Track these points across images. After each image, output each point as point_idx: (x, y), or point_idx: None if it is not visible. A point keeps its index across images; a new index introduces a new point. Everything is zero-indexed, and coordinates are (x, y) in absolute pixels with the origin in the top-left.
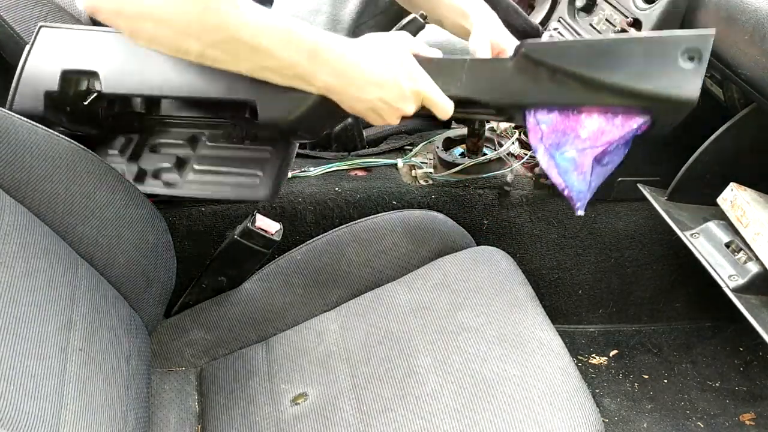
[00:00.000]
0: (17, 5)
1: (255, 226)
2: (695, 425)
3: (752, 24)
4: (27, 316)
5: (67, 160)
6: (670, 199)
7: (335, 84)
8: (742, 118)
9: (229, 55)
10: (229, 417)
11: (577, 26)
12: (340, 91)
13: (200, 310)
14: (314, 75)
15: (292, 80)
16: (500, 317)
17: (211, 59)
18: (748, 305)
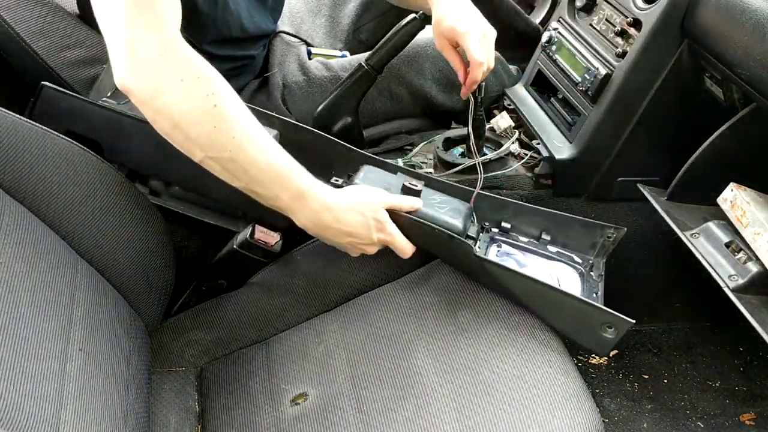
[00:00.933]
0: (17, 5)
1: (254, 238)
2: (695, 425)
3: (752, 24)
4: (27, 316)
5: (67, 160)
6: (670, 199)
7: (312, 228)
8: (742, 118)
9: (226, 171)
10: (229, 417)
11: (577, 26)
12: (314, 232)
13: (200, 310)
14: (295, 214)
15: (274, 208)
16: (500, 317)
17: (209, 167)
18: (748, 305)
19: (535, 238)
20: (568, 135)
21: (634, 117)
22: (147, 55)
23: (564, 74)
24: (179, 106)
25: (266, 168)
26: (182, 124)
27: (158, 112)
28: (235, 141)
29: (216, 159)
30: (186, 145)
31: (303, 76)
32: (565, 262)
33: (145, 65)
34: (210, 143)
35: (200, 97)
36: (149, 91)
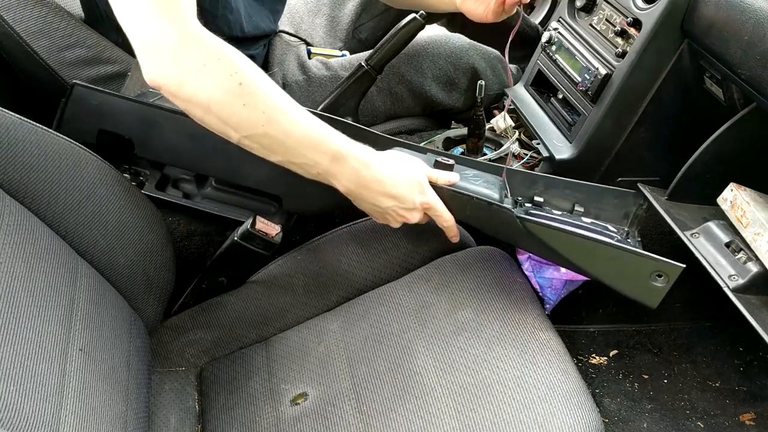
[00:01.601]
0: (17, 5)
1: (255, 228)
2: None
3: (752, 24)
4: (27, 316)
5: (67, 160)
6: (670, 199)
7: (354, 189)
8: (742, 118)
9: (262, 147)
10: (229, 417)
11: (577, 26)
12: (356, 195)
13: (200, 310)
14: (336, 177)
15: (315, 177)
16: (500, 317)
17: (247, 147)
18: (748, 305)
19: (568, 211)
20: (568, 135)
21: (634, 117)
22: (168, 47)
23: (564, 74)
24: (206, 90)
25: (301, 136)
26: (213, 108)
27: (188, 101)
28: (266, 115)
29: (251, 137)
30: (221, 128)
31: (303, 76)
32: (601, 231)
33: (168, 57)
34: (242, 122)
35: (225, 78)
36: (176, 82)
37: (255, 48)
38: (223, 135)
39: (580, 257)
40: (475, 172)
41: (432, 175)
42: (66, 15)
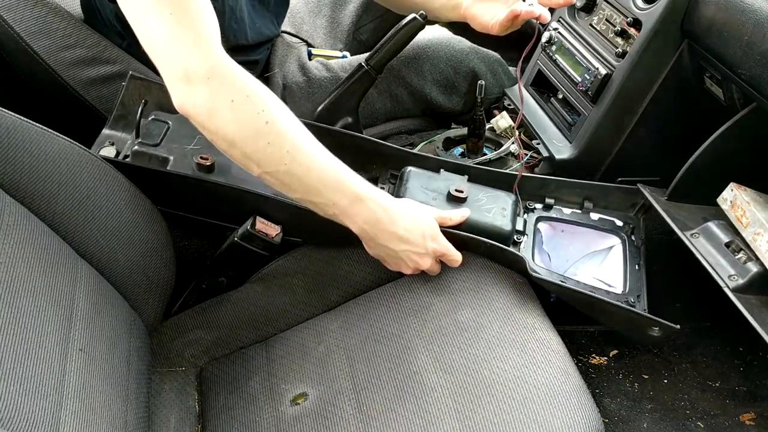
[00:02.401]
0: (17, 5)
1: (255, 229)
2: (695, 425)
3: (752, 24)
4: (27, 316)
5: (67, 160)
6: (670, 199)
7: (369, 230)
8: (742, 118)
9: (283, 184)
10: (229, 417)
11: (577, 26)
12: (370, 237)
13: (200, 310)
14: (352, 218)
15: (330, 216)
16: (500, 317)
17: (267, 182)
18: (748, 305)
19: (578, 206)
20: (568, 135)
21: (634, 117)
22: (198, 79)
23: (564, 74)
24: (233, 126)
25: (323, 176)
26: (237, 143)
27: (214, 133)
28: (290, 155)
29: (272, 173)
30: (244, 162)
31: (303, 77)
32: (608, 229)
33: (198, 89)
34: (266, 158)
35: (252, 115)
36: (204, 113)
37: (259, 53)
38: (245, 168)
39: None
40: (487, 194)
41: (443, 216)
42: (66, 15)
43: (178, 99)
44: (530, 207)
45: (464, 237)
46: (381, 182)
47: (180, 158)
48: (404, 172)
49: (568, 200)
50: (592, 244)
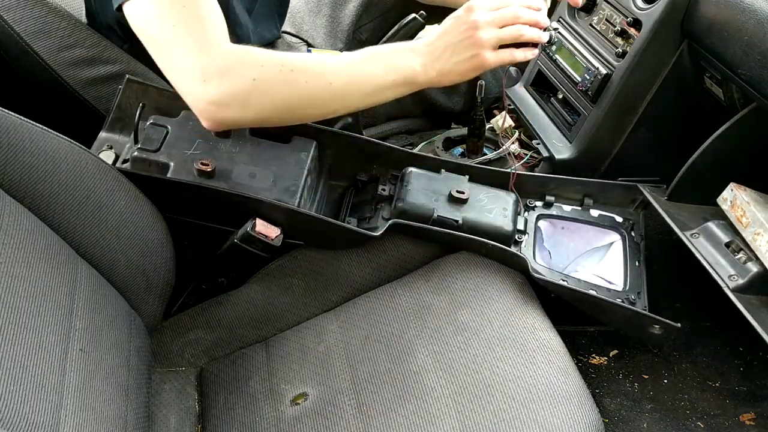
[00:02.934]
0: (17, 5)
1: (255, 231)
2: (695, 425)
3: (752, 24)
4: (27, 316)
5: (67, 160)
6: (670, 199)
7: (425, 61)
8: (742, 118)
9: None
10: (229, 417)
11: (577, 26)
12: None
13: (200, 310)
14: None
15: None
16: (500, 317)
17: (333, 112)
18: (748, 305)
19: (578, 203)
20: (568, 135)
21: (634, 117)
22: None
23: (564, 74)
24: (271, 96)
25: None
26: (285, 105)
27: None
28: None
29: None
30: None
31: None
32: (609, 225)
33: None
34: (316, 94)
35: (276, 75)
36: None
37: None
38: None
39: (587, 307)
40: (488, 194)
41: None
42: (66, 15)
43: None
44: (531, 205)
45: (466, 238)
46: (381, 182)
47: (180, 164)
48: (405, 172)
49: (568, 197)
50: (593, 241)
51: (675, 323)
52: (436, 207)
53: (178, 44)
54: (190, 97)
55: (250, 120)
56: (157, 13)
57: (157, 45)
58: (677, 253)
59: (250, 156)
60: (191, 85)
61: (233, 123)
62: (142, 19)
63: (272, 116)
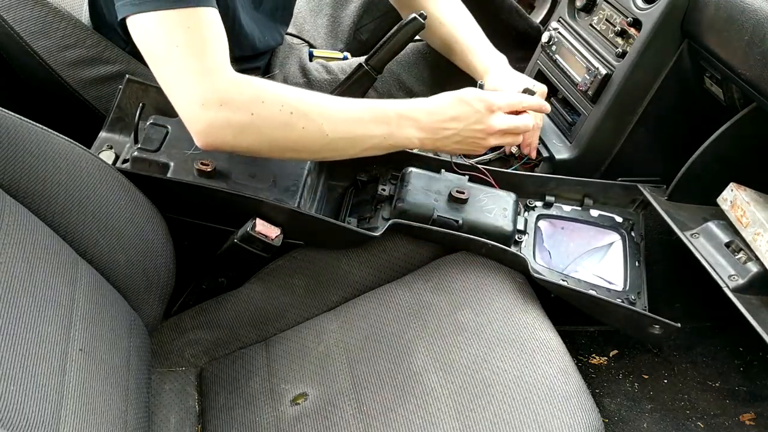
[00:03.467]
0: (17, 5)
1: (255, 231)
2: (695, 425)
3: (752, 24)
4: (27, 316)
5: (67, 160)
6: (670, 199)
7: (427, 134)
8: (742, 118)
9: (335, 152)
10: (229, 417)
11: (577, 26)
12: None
13: (200, 310)
14: (409, 137)
15: (391, 148)
16: (500, 317)
17: (322, 159)
18: (748, 305)
19: (578, 203)
20: (568, 135)
21: (634, 117)
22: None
23: (564, 74)
24: (263, 133)
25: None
26: (276, 144)
27: (249, 148)
28: (325, 124)
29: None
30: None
31: (303, 78)
32: (609, 225)
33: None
34: (309, 141)
35: (275, 114)
36: (230, 137)
37: (263, 59)
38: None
39: (586, 307)
40: (487, 195)
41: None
42: (66, 15)
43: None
44: (531, 205)
45: (466, 238)
46: (381, 182)
47: (180, 164)
48: (405, 172)
49: (568, 197)
50: (593, 241)
51: (675, 323)
52: (436, 207)
53: (180, 66)
54: (186, 117)
55: (242, 150)
56: (160, 32)
57: (157, 62)
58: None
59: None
60: (190, 107)
61: (224, 149)
62: (144, 35)
63: (262, 150)
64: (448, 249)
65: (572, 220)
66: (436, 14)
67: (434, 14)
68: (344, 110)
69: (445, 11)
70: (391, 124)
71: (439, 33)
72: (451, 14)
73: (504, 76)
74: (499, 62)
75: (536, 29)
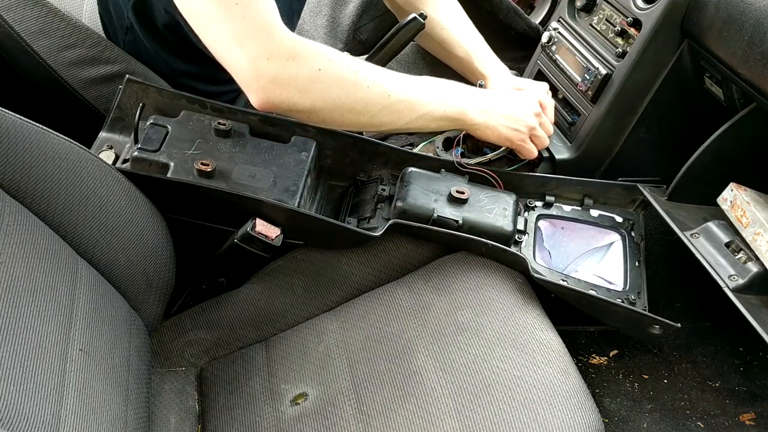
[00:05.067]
0: (17, 5)
1: (255, 231)
2: (695, 425)
3: (752, 24)
4: (27, 316)
5: (67, 160)
6: (670, 199)
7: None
8: (742, 118)
9: (393, 115)
10: (229, 417)
11: (577, 26)
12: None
13: (200, 310)
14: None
15: (447, 117)
16: (500, 317)
17: (377, 124)
18: (748, 305)
19: (578, 203)
20: (568, 135)
21: (634, 117)
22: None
23: (564, 74)
24: (330, 90)
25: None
26: (341, 103)
27: (311, 107)
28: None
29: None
30: (352, 119)
31: None
32: (609, 225)
33: (283, 72)
34: (373, 100)
35: (343, 72)
36: (297, 94)
37: None
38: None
39: (587, 307)
40: (487, 195)
41: None
42: (66, 15)
43: (262, 93)
44: (531, 205)
45: (466, 238)
46: (381, 182)
47: (180, 164)
48: (405, 173)
49: (568, 197)
50: (593, 241)
51: (675, 323)
52: (436, 207)
53: (243, 21)
54: (248, 74)
55: (302, 108)
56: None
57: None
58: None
59: (250, 156)
60: (255, 62)
61: (285, 106)
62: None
63: (324, 110)
64: (448, 249)
65: (572, 220)
66: (436, 17)
67: (433, 17)
68: (402, 76)
69: (445, 15)
70: (447, 92)
71: (438, 37)
72: (451, 18)
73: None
74: (499, 70)
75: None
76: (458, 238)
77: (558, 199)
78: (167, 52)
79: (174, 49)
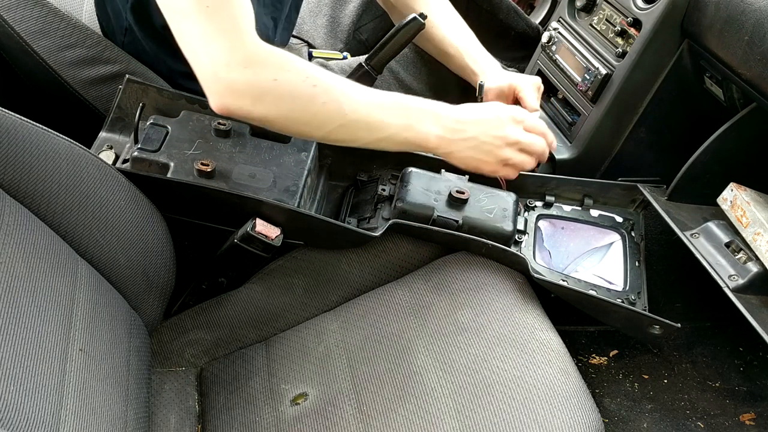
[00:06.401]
0: (17, 5)
1: (255, 231)
2: (695, 425)
3: (752, 24)
4: (27, 316)
5: (67, 160)
6: (670, 199)
7: (446, 132)
8: (742, 118)
9: (349, 134)
10: (229, 417)
11: (577, 26)
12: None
13: (200, 310)
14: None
15: (406, 145)
16: (500, 317)
17: (335, 140)
18: (748, 305)
19: (578, 203)
20: (568, 135)
21: (634, 117)
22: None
23: (564, 74)
24: (283, 101)
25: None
26: (293, 115)
27: (265, 117)
28: (346, 104)
29: (336, 129)
30: (304, 131)
31: None
32: (609, 225)
33: (238, 78)
34: (326, 117)
35: (298, 84)
36: (249, 102)
37: None
38: (307, 137)
39: (587, 307)
40: (487, 195)
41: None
42: (66, 15)
43: (218, 98)
44: (531, 205)
45: (466, 238)
46: (381, 182)
47: (180, 164)
48: (405, 173)
49: (568, 197)
50: (593, 241)
51: (675, 323)
52: (436, 207)
53: (210, 24)
54: (206, 77)
55: (255, 117)
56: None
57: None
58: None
59: (250, 156)
60: (212, 66)
61: (240, 113)
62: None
63: (277, 121)
64: (448, 249)
65: (572, 220)
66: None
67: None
68: (366, 93)
69: (438, 15)
70: (411, 116)
71: (430, 35)
72: (444, 18)
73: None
74: (491, 65)
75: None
76: (458, 238)
77: (558, 199)
78: (166, 53)
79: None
